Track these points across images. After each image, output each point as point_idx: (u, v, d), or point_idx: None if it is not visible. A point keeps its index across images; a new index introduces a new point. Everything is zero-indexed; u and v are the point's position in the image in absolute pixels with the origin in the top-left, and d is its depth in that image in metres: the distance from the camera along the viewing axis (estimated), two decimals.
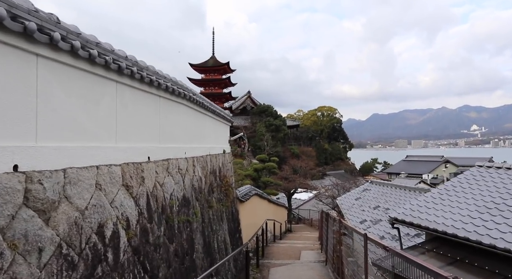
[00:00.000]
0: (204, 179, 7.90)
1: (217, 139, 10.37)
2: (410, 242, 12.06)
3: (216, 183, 9.26)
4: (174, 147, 6.08)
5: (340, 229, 7.39)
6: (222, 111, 10.99)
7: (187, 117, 7.00)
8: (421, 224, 9.81)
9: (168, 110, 5.88)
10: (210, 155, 8.99)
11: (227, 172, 11.34)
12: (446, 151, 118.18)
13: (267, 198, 19.44)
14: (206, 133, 8.91)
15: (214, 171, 9.31)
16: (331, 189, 31.26)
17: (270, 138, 60.88)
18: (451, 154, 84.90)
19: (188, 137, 6.97)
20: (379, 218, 14.86)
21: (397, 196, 16.26)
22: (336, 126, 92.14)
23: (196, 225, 6.69)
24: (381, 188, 18.43)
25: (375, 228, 14.06)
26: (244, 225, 13.54)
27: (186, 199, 6.29)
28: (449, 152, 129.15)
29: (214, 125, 9.99)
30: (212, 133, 9.75)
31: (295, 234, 23.23)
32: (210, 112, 9.23)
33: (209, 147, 9.03)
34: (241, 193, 13.50)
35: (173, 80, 5.91)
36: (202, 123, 8.45)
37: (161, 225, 5.07)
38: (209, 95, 73.07)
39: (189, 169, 6.75)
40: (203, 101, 8.00)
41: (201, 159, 7.86)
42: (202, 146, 8.22)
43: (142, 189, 4.61)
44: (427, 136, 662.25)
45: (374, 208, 16.23)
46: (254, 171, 30.77)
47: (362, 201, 17.85)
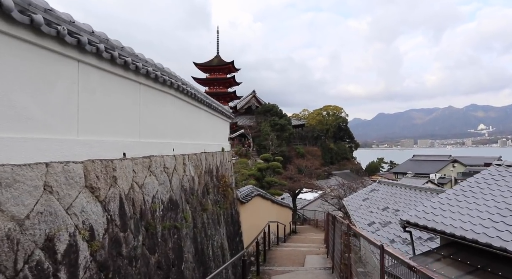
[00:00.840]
0: (197, 179, 7.15)
1: (214, 136, 9.62)
2: (422, 246, 11.24)
3: (212, 184, 8.51)
4: (159, 142, 5.33)
5: (349, 234, 6.60)
6: (220, 106, 10.24)
7: (176, 109, 6.25)
8: (436, 228, 8.97)
9: (151, 100, 5.13)
10: (206, 153, 8.24)
11: (226, 171, 10.58)
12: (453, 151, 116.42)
13: (271, 199, 18.65)
14: (201, 128, 8.16)
15: (211, 170, 8.56)
16: (337, 189, 30.42)
17: (275, 138, 60.25)
18: (458, 154, 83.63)
19: (177, 132, 6.22)
20: (388, 220, 14.03)
21: (407, 197, 15.40)
22: (341, 126, 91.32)
23: (186, 231, 5.93)
24: (390, 188, 17.57)
25: (384, 231, 13.23)
26: (245, 228, 12.78)
27: (173, 201, 5.53)
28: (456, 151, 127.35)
29: (210, 121, 9.24)
30: (209, 129, 8.99)
31: (300, 236, 22.43)
32: (206, 106, 8.47)
33: (205, 144, 8.28)
34: (242, 193, 12.74)
35: (158, 66, 5.16)
36: (196, 118, 7.70)
37: (139, 233, 4.32)
38: (213, 94, 72.65)
39: (178, 168, 6.00)
40: (196, 92, 7.24)
41: (194, 157, 7.11)
42: (196, 143, 7.47)
43: (113, 192, 3.86)
44: (434, 135, 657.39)
45: (382, 210, 15.39)
46: (258, 171, 29.97)
47: (370, 202, 17.01)
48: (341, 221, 7.72)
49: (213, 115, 9.57)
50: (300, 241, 19.08)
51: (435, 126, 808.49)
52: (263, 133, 61.81)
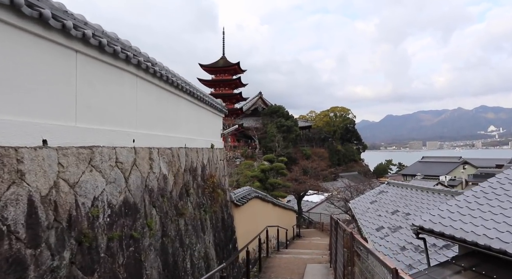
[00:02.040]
0: (172, 178, 6.02)
1: (200, 130, 8.50)
2: (437, 255, 9.99)
3: (195, 184, 7.38)
4: (110, 130, 4.22)
5: (353, 245, 5.44)
6: (209, 97, 9.12)
7: (141, 93, 5.14)
8: (454, 235, 7.73)
9: (97, 77, 4.03)
10: (187, 149, 7.12)
11: (215, 170, 9.45)
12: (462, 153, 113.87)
13: (272, 201, 17.47)
14: (180, 120, 7.04)
15: (194, 168, 7.44)
16: (344, 191, 29.16)
17: (282, 139, 59.23)
18: (468, 156, 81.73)
19: (141, 120, 5.11)
20: (398, 225, 12.78)
21: (419, 199, 14.13)
22: (349, 127, 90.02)
23: (149, 241, 4.81)
24: (400, 190, 16.30)
25: (394, 237, 11.99)
26: (241, 234, 11.62)
27: (129, 205, 4.42)
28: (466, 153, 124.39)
29: (194, 112, 8.12)
30: (192, 122, 7.87)
31: (304, 241, 21.22)
32: (188, 95, 7.36)
33: (186, 138, 7.16)
34: (236, 195, 11.59)
35: (108, 34, 4.07)
36: (173, 107, 6.59)
37: (66, 248, 3.20)
38: (219, 96, 71.40)
39: (141, 164, 4.88)
40: (173, 77, 6.14)
41: (168, 152, 5.99)
42: (171, 136, 6.36)
43: (16, 192, 2.76)
44: (442, 137, 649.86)
45: (392, 213, 14.14)
46: (261, 172, 28.76)
47: (378, 204, 15.77)
48: (343, 228, 6.56)
49: (199, 107, 8.46)
50: (303, 246, 17.89)
51: (444, 128, 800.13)
52: (269, 135, 60.79)
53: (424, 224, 8.49)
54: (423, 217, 9.40)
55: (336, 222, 8.22)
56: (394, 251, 11.13)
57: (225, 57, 76.28)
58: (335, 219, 9.10)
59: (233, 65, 73.43)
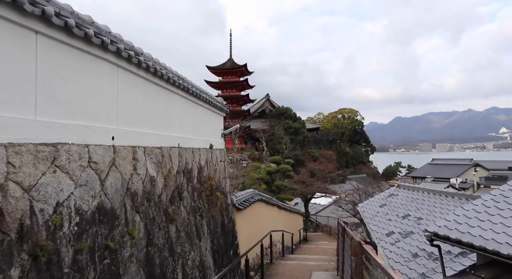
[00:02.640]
0: (161, 180, 5.48)
1: (197, 130, 7.96)
2: (453, 263, 9.29)
3: (190, 187, 6.83)
4: (82, 125, 3.68)
5: (362, 257, 4.84)
6: (207, 94, 8.58)
7: (122, 85, 4.61)
8: (473, 242, 7.06)
9: (64, 64, 3.50)
10: (181, 149, 6.58)
11: (214, 172, 8.90)
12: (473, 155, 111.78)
13: (277, 204, 16.86)
14: (173, 117, 6.50)
15: (189, 170, 6.89)
16: (352, 194, 28.42)
17: (289, 141, 58.67)
18: (479, 158, 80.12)
19: (124, 115, 4.57)
20: (409, 230, 12.10)
21: (431, 203, 13.42)
22: (357, 129, 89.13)
23: (130, 251, 4.26)
24: (411, 193, 15.59)
25: (406, 243, 11.32)
26: (243, 239, 11.05)
27: (105, 211, 3.87)
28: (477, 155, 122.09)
29: (191, 110, 7.58)
30: (187, 120, 7.33)
31: (311, 245, 20.56)
32: (183, 91, 6.83)
33: (180, 137, 6.62)
34: (238, 199, 11.03)
35: (77, 14, 3.54)
36: (164, 103, 6.05)
37: (14, 265, 2.67)
38: (226, 97, 71.30)
39: (122, 164, 4.35)
40: (163, 69, 5.60)
41: (157, 152, 5.45)
42: (163, 134, 5.82)
43: None
44: (453, 139, 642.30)
45: (403, 217, 13.45)
46: (267, 174, 28.14)
47: (388, 208, 15.09)
48: (351, 236, 5.96)
49: (196, 104, 7.92)
50: (310, 251, 17.25)
51: (454, 130, 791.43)
52: (276, 137, 60.24)
53: (439, 230, 7.84)
54: (437, 222, 8.74)
55: (344, 228, 7.61)
56: (405, 258, 10.46)
57: (232, 59, 75.99)
58: (342, 224, 8.48)
59: (240, 67, 73.10)
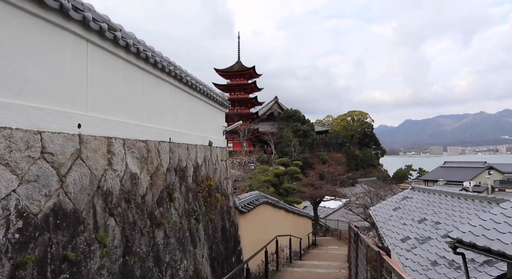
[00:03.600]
0: (146, 178, 4.75)
1: (193, 124, 7.24)
2: (478, 272, 8.39)
3: (184, 187, 6.09)
4: (33, 107, 2.97)
5: (381, 269, 4.06)
6: (206, 86, 7.86)
7: (97, 65, 3.91)
8: (505, 251, 6.22)
9: (5, 31, 2.81)
10: (172, 144, 5.85)
11: (214, 172, 8.15)
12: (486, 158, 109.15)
13: (284, 207, 16.05)
14: (164, 109, 5.78)
15: (182, 168, 6.16)
16: (363, 197, 27.46)
17: (298, 144, 57.84)
18: (492, 161, 78.29)
19: (96, 100, 3.86)
20: (427, 235, 11.21)
21: (449, 206, 12.50)
22: (367, 131, 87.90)
23: (100, 262, 3.53)
24: (426, 196, 14.67)
25: (423, 249, 10.43)
26: (247, 244, 10.29)
27: (65, 213, 3.15)
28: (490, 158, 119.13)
29: (185, 102, 6.86)
30: (182, 113, 6.61)
31: (320, 251, 19.67)
32: (175, 80, 6.11)
33: (171, 131, 5.90)
34: (242, 201, 10.26)
35: None
36: (152, 91, 5.33)
37: None
38: (234, 100, 70.95)
39: (91, 157, 3.63)
40: (148, 51, 4.89)
41: (141, 146, 4.73)
42: (149, 126, 5.10)
43: None
44: (464, 142, 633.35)
45: (419, 222, 12.55)
46: (275, 177, 27.29)
47: (403, 212, 14.19)
48: (366, 244, 5.17)
49: (192, 96, 7.20)
50: (319, 257, 16.39)
51: (465, 133, 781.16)
52: (285, 139, 59.48)
53: (463, 237, 6.99)
54: (461, 228, 7.89)
55: (357, 234, 6.81)
56: (423, 266, 9.58)
57: (240, 62, 75.51)
58: (355, 230, 7.67)
59: (248, 69, 72.58)
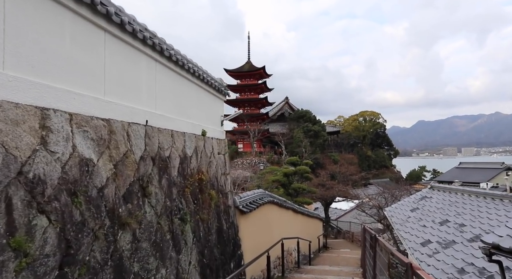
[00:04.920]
0: (108, 166, 3.74)
1: (182, 109, 6.23)
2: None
3: (165, 180, 5.07)
4: None
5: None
6: (198, 67, 6.84)
7: (14, 5, 2.92)
8: None
9: None
10: (149, 128, 4.84)
11: (208, 166, 7.12)
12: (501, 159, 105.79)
13: (292, 208, 14.94)
14: (138, 84, 4.76)
15: (163, 158, 5.14)
16: (376, 197, 26.15)
17: (308, 145, 56.65)
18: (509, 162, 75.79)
19: (16, 54, 2.87)
20: (450, 239, 10.01)
21: (474, 207, 11.25)
22: (379, 132, 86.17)
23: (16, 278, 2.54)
24: (447, 195, 13.42)
25: (447, 254, 9.23)
26: (249, 248, 9.23)
27: None
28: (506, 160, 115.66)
29: (170, 81, 5.84)
30: (167, 94, 5.59)
31: (331, 254, 18.50)
32: (157, 53, 5.10)
33: (148, 112, 4.89)
34: (243, 200, 9.22)
35: None
36: (119, 59, 4.32)
37: None
38: (245, 100, 70.07)
39: (8, 131, 2.64)
40: (110, 5, 3.90)
41: (99, 125, 3.72)
42: (113, 102, 4.09)
43: None
44: (479, 143, 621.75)
45: (440, 224, 11.34)
46: (284, 176, 26.19)
47: (421, 213, 12.98)
48: (389, 251, 4.08)
49: (181, 76, 6.19)
50: (331, 261, 15.24)
51: (480, 134, 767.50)
52: (295, 140, 58.35)
53: (501, 242, 5.85)
54: (496, 231, 6.75)
55: (375, 239, 5.70)
56: (449, 274, 8.38)
57: (250, 62, 74.62)
58: (372, 232, 6.55)
59: (258, 69, 71.64)
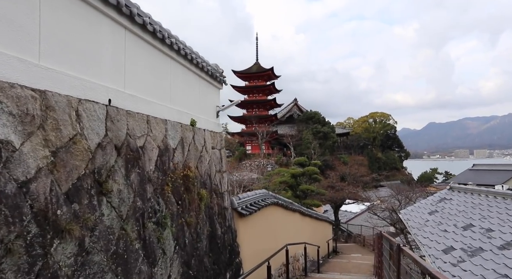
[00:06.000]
0: (43, 153, 2.76)
1: (165, 92, 5.24)
2: None
3: (135, 175, 4.09)
4: None
5: None
6: (185, 45, 5.87)
7: None
8: None
9: None
10: (115, 109, 3.87)
11: (198, 161, 6.12)
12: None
13: (299, 210, 13.86)
14: (96, 53, 3.77)
15: (134, 148, 4.16)
16: (389, 199, 24.92)
17: (318, 146, 55.54)
18: None
19: None
20: (477, 245, 8.86)
21: (503, 210, 10.06)
22: (389, 133, 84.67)
23: None
24: (469, 197, 12.23)
25: (475, 264, 8.09)
26: (250, 255, 8.20)
27: None
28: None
29: (146, 56, 4.84)
30: (141, 71, 4.61)
31: (341, 260, 17.37)
32: (123, 17, 4.14)
33: (113, 89, 3.91)
34: (242, 201, 8.20)
35: None
36: (63, 16, 3.34)
37: None
38: (253, 102, 69.30)
39: None
40: None
41: (24, 95, 2.74)
42: (50, 69, 3.11)
43: None
44: (492, 145, 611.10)
45: (464, 228, 10.19)
46: (292, 177, 25.09)
47: (441, 216, 11.82)
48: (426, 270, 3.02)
49: (163, 54, 5.21)
50: (341, 268, 14.14)
51: (493, 135, 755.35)
52: (304, 142, 57.31)
53: None
54: None
55: (399, 249, 4.62)
56: None
57: (258, 63, 73.86)
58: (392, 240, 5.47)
59: (266, 70, 70.86)
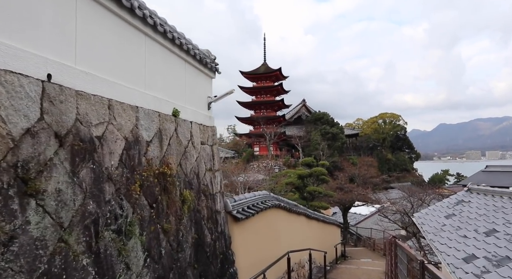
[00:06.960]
0: None
1: (137, 75, 4.42)
2: None
3: (88, 171, 3.26)
4: None
5: None
6: (168, 24, 5.05)
7: None
8: None
9: None
10: (56, 87, 3.04)
11: (183, 157, 5.28)
12: None
13: (305, 213, 12.94)
14: (30, 15, 2.98)
15: (86, 138, 3.31)
16: (400, 202, 23.86)
17: (326, 147, 54.51)
18: None
19: None
20: (503, 254, 7.85)
21: None
22: (399, 135, 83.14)
23: None
24: (490, 200, 11.18)
25: (502, 275, 7.09)
26: (247, 265, 7.34)
27: None
28: None
29: (111, 31, 4.02)
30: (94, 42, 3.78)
31: (350, 266, 16.38)
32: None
33: (52, 62, 3.08)
34: (238, 203, 7.33)
35: None
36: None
37: None
38: (261, 103, 68.51)
39: None
40: None
41: None
42: None
43: None
44: (504, 146, 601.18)
45: (486, 234, 9.18)
46: (298, 178, 24.18)
47: (459, 220, 10.81)
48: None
49: (132, 27, 4.39)
50: (350, 275, 13.18)
51: (506, 137, 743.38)
52: (313, 143, 56.35)
53: None
54: None
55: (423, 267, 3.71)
56: None
57: (266, 64, 73.08)
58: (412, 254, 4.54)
59: (274, 71, 70.00)
